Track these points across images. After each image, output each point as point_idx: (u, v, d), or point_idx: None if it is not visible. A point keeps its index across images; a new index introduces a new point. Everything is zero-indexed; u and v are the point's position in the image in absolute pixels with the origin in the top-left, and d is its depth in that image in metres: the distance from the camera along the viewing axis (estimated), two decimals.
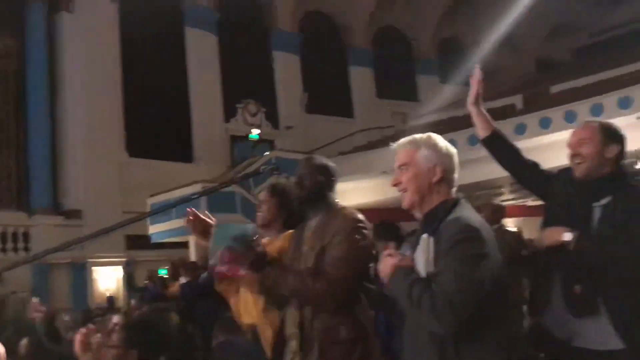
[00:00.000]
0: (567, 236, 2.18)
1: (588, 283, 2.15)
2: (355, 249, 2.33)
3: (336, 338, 2.28)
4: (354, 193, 12.28)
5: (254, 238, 2.41)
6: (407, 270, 1.82)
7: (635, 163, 13.02)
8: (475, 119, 2.65)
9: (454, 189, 2.01)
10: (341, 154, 16.36)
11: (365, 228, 2.40)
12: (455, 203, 1.93)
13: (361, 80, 21.61)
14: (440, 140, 2.02)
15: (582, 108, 12.21)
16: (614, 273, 2.13)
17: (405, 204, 1.96)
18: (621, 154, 2.28)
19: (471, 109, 2.66)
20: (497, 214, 4.37)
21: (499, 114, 15.85)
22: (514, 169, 2.58)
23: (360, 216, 2.44)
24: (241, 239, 2.34)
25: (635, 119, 11.71)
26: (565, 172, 2.41)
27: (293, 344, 2.38)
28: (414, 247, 1.95)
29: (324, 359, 2.27)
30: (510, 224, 17.83)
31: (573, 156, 2.31)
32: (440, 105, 21.45)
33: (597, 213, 2.22)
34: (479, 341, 1.77)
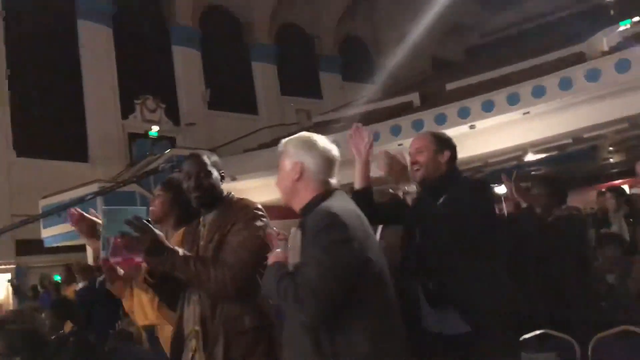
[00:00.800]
0: None
1: (438, 280, 2.38)
2: (254, 236, 2.28)
3: (241, 328, 2.24)
4: (259, 190, 12.17)
5: (148, 220, 2.21)
6: (279, 265, 1.84)
7: (523, 155, 13.96)
8: (362, 168, 2.67)
9: (333, 182, 2.01)
10: (246, 150, 16.24)
11: (264, 216, 2.36)
12: (325, 196, 1.94)
13: (265, 76, 21.51)
14: (307, 138, 2.05)
15: (474, 104, 12.84)
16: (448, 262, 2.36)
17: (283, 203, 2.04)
18: (453, 157, 2.59)
19: (360, 158, 2.68)
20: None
21: (397, 110, 16.46)
22: (384, 218, 2.73)
23: (259, 205, 2.42)
24: (135, 223, 2.11)
25: (521, 115, 12.51)
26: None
27: (193, 343, 2.29)
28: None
29: (230, 350, 2.22)
30: None
31: (412, 164, 2.58)
32: (343, 102, 21.88)
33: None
34: (353, 329, 1.78)
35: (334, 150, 2.04)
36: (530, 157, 13.86)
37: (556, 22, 22.45)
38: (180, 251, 2.25)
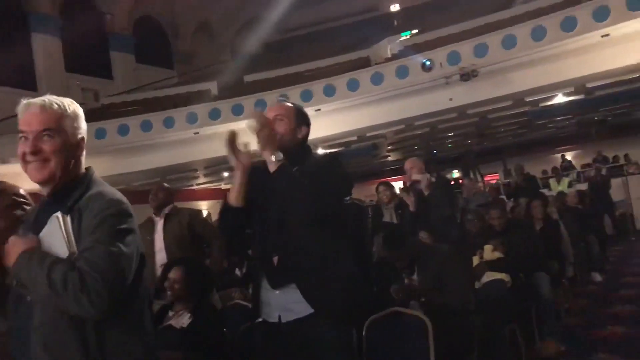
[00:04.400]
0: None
1: (282, 256, 2.25)
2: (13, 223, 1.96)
3: None
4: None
5: None
6: (39, 254, 1.57)
7: (314, 150, 14.68)
8: (241, 184, 2.31)
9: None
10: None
11: (27, 204, 2.06)
12: (90, 178, 1.75)
13: (47, 50, 19.46)
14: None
15: (270, 98, 13.16)
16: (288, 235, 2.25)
17: (40, 176, 1.67)
18: (306, 136, 2.46)
19: (239, 174, 2.31)
20: (169, 196, 4.47)
21: (194, 98, 16.18)
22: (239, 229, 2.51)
23: (22, 191, 2.11)
24: None
25: (314, 111, 13.13)
26: (253, 171, 2.37)
27: None
28: (31, 228, 1.70)
29: None
30: (204, 207, 18.36)
31: (268, 129, 2.28)
32: (136, 85, 20.82)
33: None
34: (123, 326, 1.64)
35: None
36: (320, 151, 14.64)
37: (347, 26, 23.98)
38: None
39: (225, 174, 16.89)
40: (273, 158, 2.22)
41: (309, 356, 2.23)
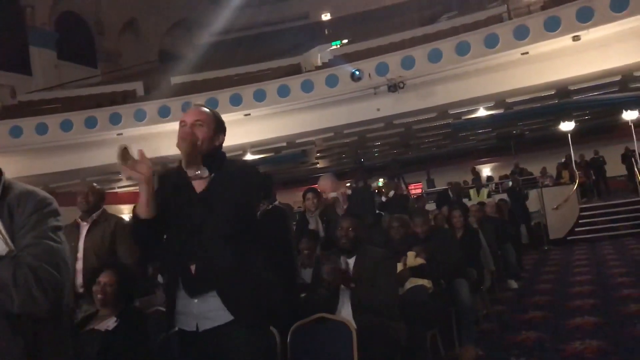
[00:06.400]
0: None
1: (201, 263, 2.21)
2: None
3: None
4: None
5: None
6: None
7: (243, 155, 14.55)
8: (148, 196, 2.20)
9: None
10: None
11: None
12: (3, 179, 1.69)
13: None
14: None
15: (199, 100, 12.93)
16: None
17: None
18: (223, 142, 2.42)
19: (144, 186, 2.19)
20: (101, 199, 4.25)
21: (119, 97, 15.69)
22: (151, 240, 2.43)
23: None
24: None
25: (243, 116, 13.04)
26: (171, 174, 2.39)
27: None
28: None
29: None
30: (127, 211, 17.79)
31: (188, 135, 2.28)
32: (58, 82, 19.94)
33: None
34: (56, 327, 1.63)
35: None
36: (249, 156, 14.54)
37: (279, 32, 24.00)
38: None
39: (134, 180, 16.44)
40: (198, 174, 2.21)
41: None
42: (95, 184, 4.35)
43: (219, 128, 2.39)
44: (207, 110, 2.43)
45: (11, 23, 19.87)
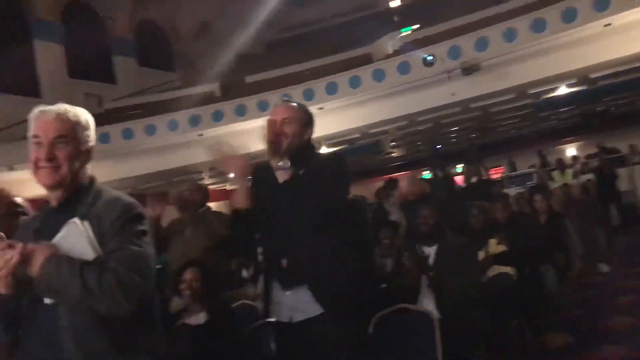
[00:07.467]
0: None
1: (292, 256, 2.28)
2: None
3: None
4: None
5: None
6: (65, 258, 1.61)
7: (318, 148, 14.68)
8: (244, 188, 2.37)
9: None
10: (25, 138, 14.66)
11: (24, 213, 2.10)
12: (96, 186, 1.82)
13: (49, 56, 19.53)
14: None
15: (273, 98, 13.16)
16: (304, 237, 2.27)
17: (50, 181, 1.72)
18: (312, 135, 2.48)
19: (239, 179, 2.38)
20: (205, 196, 4.44)
21: (198, 100, 16.22)
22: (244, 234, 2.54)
23: (19, 199, 2.14)
24: None
25: (316, 110, 13.15)
26: (259, 169, 2.45)
27: None
28: (38, 235, 1.73)
29: None
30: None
31: (276, 134, 2.34)
32: (140, 89, 20.87)
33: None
34: (146, 322, 1.74)
35: None
36: (324, 150, 14.66)
37: (348, 23, 23.95)
38: None
39: (231, 175, 16.94)
40: (281, 165, 2.26)
41: (320, 354, 2.26)
42: (199, 182, 4.56)
43: (308, 122, 2.44)
44: (295, 105, 2.49)
45: (95, 36, 21.00)
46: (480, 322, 3.38)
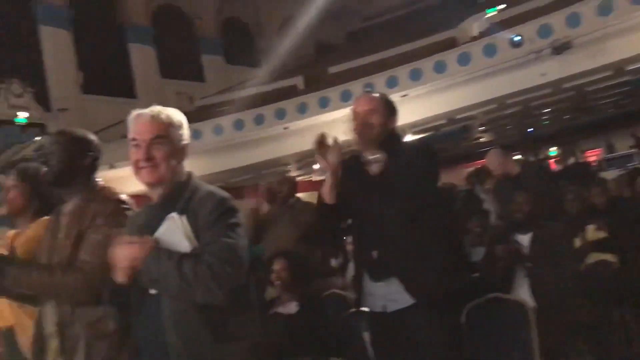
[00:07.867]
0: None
1: (382, 249, 2.31)
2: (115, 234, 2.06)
3: (103, 332, 2.04)
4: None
5: None
6: (165, 251, 1.72)
7: (403, 136, 14.53)
8: (333, 184, 2.36)
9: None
10: (124, 137, 15.51)
11: (130, 209, 2.19)
12: (193, 181, 1.91)
13: (142, 58, 20.59)
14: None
15: (356, 87, 13.15)
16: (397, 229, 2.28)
17: (151, 179, 1.84)
18: (396, 123, 2.48)
19: (330, 174, 2.37)
20: (293, 188, 4.55)
21: (282, 94, 16.49)
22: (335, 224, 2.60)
23: (124, 197, 2.23)
24: None
25: (400, 97, 13.00)
26: (349, 160, 2.45)
27: (53, 344, 2.10)
28: (143, 229, 1.83)
29: (91, 356, 2.04)
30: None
31: (361, 125, 2.37)
32: (227, 86, 21.50)
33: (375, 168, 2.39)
34: (242, 310, 1.82)
35: None
36: (409, 137, 14.48)
37: (430, 7, 23.46)
38: (22, 261, 2.11)
39: (316, 167, 17.13)
40: (374, 158, 2.27)
41: (414, 344, 2.28)
42: (287, 174, 4.71)
43: (391, 111, 2.45)
44: (377, 95, 2.50)
45: (184, 36, 21.89)
46: (579, 313, 3.24)
